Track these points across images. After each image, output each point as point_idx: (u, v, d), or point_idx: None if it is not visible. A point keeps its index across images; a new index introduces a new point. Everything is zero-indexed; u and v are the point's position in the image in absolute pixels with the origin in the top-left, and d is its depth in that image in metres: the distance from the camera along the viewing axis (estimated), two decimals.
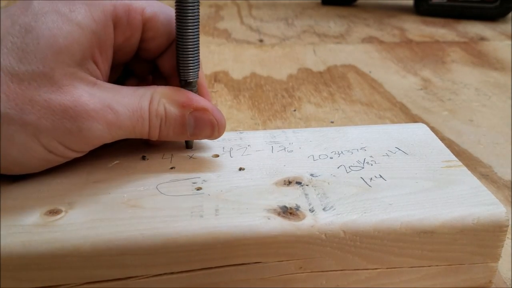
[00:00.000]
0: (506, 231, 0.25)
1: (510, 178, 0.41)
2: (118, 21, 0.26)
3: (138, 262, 0.22)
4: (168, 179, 0.26)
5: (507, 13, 0.91)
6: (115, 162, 0.28)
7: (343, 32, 0.85)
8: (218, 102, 0.55)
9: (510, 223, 0.25)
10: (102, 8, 0.25)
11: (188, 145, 0.30)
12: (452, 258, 0.25)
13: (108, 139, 0.25)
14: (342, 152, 0.30)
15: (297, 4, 1.04)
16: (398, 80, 0.63)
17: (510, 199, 0.38)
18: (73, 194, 0.25)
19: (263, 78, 0.62)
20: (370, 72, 0.66)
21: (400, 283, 0.25)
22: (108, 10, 0.25)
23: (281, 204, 0.24)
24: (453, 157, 0.29)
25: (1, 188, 0.25)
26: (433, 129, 0.49)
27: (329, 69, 0.66)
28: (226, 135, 0.31)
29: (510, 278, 0.30)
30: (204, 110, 0.27)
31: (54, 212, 0.23)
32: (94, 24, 0.24)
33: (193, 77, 0.28)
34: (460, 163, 0.29)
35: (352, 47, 0.77)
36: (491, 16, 0.91)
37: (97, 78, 0.25)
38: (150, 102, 0.26)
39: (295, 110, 0.53)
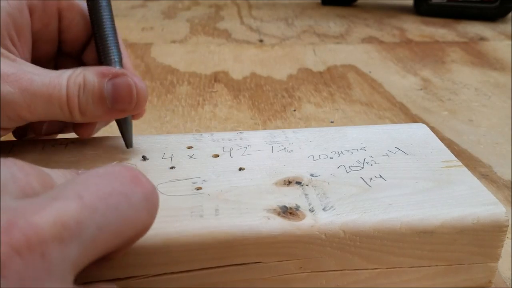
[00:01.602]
0: (506, 231, 0.25)
1: (510, 178, 0.41)
2: (33, 7, 0.27)
3: (138, 262, 0.22)
4: (168, 179, 0.26)
5: (507, 13, 0.91)
6: (115, 162, 0.28)
7: (343, 32, 0.85)
8: (218, 102, 0.55)
9: (510, 223, 0.25)
10: None
11: (126, 140, 0.29)
12: (452, 258, 0.25)
13: (25, 109, 0.24)
14: (342, 152, 0.30)
15: (297, 4, 1.04)
16: (398, 80, 0.63)
17: (510, 199, 0.38)
18: None
19: (263, 78, 0.62)
20: (370, 72, 0.66)
21: (400, 283, 0.25)
22: None
23: (281, 204, 0.24)
24: (453, 157, 0.29)
25: None
26: (433, 129, 0.49)
27: (329, 69, 0.66)
28: (226, 135, 0.31)
29: (510, 278, 0.30)
30: (122, 74, 0.26)
31: None
32: (8, 7, 0.25)
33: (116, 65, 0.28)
34: (460, 163, 0.29)
35: (352, 47, 0.77)
36: (491, 16, 0.91)
37: None
38: (71, 74, 0.25)
39: (295, 110, 0.53)
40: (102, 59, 0.28)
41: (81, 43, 0.30)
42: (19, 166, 0.17)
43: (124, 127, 0.28)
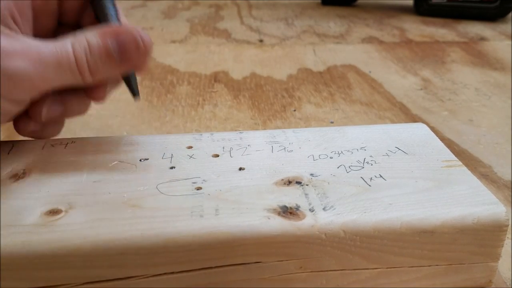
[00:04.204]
0: (506, 230, 0.25)
1: (510, 178, 0.41)
2: None
3: (138, 262, 0.22)
4: (168, 179, 0.26)
5: (507, 13, 0.91)
6: (115, 162, 0.28)
7: (343, 32, 0.85)
8: (218, 102, 0.55)
9: (510, 222, 0.25)
10: None
11: (133, 90, 0.29)
12: (452, 257, 0.25)
13: (38, 79, 0.25)
14: (342, 152, 0.30)
15: (297, 4, 1.04)
16: (398, 80, 0.63)
17: (510, 199, 0.38)
18: (73, 194, 0.25)
19: (263, 78, 0.62)
20: (370, 72, 0.66)
21: (400, 283, 0.25)
22: None
23: (281, 204, 0.24)
24: (453, 157, 0.29)
25: (1, 188, 0.25)
26: (433, 129, 0.49)
27: (329, 69, 0.66)
28: (226, 135, 0.31)
29: (510, 278, 0.30)
30: (124, 31, 0.27)
31: (54, 212, 0.23)
32: None
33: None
34: (460, 163, 0.29)
35: (352, 47, 0.77)
36: (491, 16, 0.91)
37: None
38: (74, 40, 0.26)
39: (295, 110, 0.53)
40: (99, 17, 0.28)
41: (81, 11, 0.30)
42: None
43: (130, 78, 0.29)
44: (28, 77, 0.25)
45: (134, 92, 0.29)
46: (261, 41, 0.78)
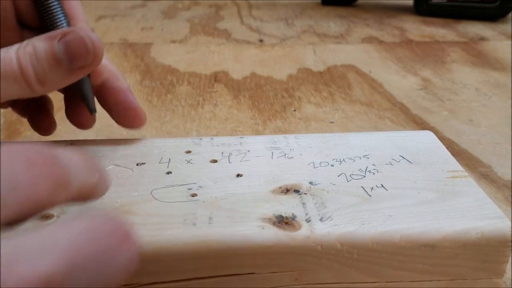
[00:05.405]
0: (511, 246, 0.24)
1: (510, 178, 0.41)
2: None
3: None
4: (164, 184, 0.26)
5: (507, 13, 0.91)
6: (111, 166, 0.28)
7: (343, 32, 0.85)
8: (218, 102, 0.55)
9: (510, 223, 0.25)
10: None
11: (89, 105, 0.27)
12: (454, 273, 0.24)
13: None
14: (344, 159, 0.29)
15: (297, 4, 1.04)
16: (398, 80, 0.63)
17: (510, 199, 0.38)
18: None
19: (263, 78, 0.62)
20: (370, 72, 0.66)
21: None
22: None
23: (277, 213, 0.24)
24: (459, 167, 0.28)
25: None
26: (433, 129, 0.49)
27: (329, 69, 0.66)
28: (226, 139, 0.31)
29: (510, 278, 0.30)
30: (70, 31, 0.25)
31: (45, 216, 0.23)
32: None
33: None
34: (467, 174, 0.28)
35: (352, 47, 0.76)
36: (491, 16, 0.91)
37: None
38: (19, 47, 0.24)
39: (295, 110, 0.53)
40: (48, 26, 0.27)
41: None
42: (26, 157, 0.14)
43: (84, 91, 0.27)
44: None
45: (90, 106, 0.27)
46: (261, 41, 0.78)
